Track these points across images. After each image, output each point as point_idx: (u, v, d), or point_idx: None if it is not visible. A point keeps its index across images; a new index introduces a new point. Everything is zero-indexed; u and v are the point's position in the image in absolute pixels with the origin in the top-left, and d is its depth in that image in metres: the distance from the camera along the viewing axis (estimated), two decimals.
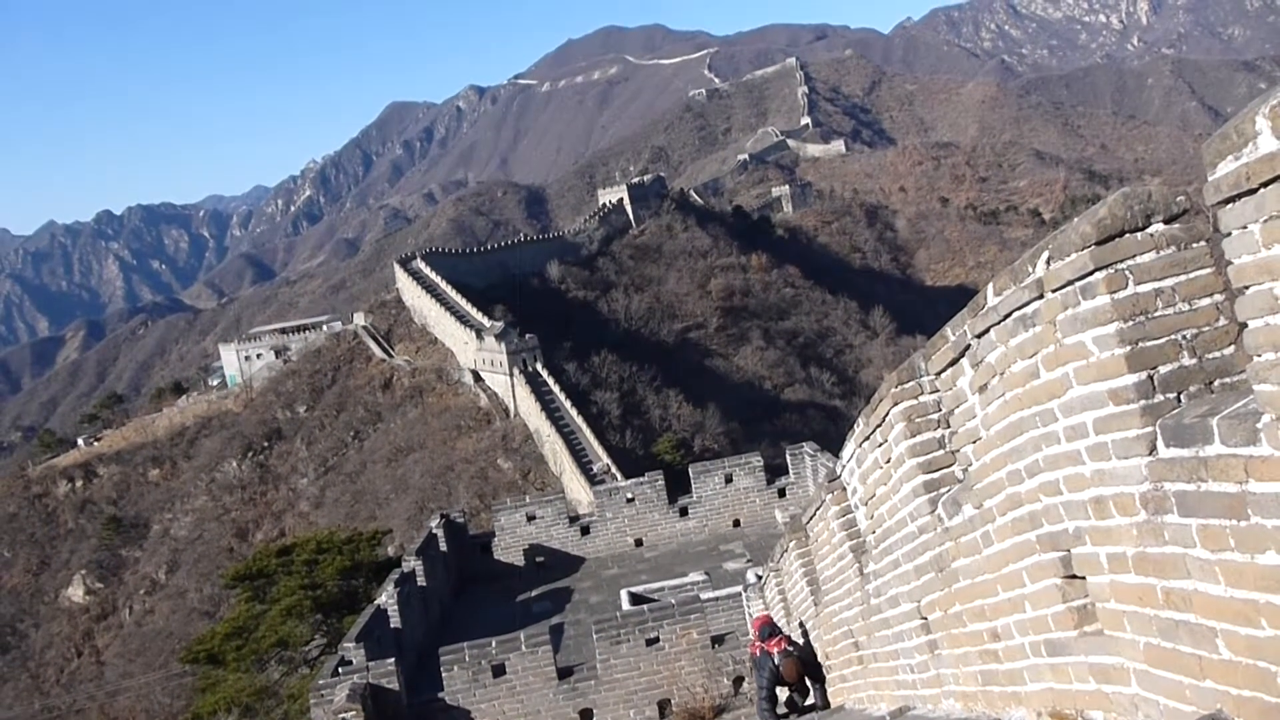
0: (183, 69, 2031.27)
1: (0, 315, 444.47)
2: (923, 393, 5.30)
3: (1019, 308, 3.82)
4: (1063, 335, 3.57)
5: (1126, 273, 3.32)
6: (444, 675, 15.17)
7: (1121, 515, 3.43)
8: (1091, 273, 3.36)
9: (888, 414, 5.62)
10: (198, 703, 26.61)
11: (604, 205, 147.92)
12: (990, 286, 4.06)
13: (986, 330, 4.14)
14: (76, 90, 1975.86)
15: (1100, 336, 3.38)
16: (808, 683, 10.79)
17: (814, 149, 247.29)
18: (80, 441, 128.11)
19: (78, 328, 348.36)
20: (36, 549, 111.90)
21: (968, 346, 4.45)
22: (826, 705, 10.44)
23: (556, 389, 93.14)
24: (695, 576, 20.93)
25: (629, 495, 25.78)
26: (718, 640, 15.42)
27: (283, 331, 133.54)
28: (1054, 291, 3.57)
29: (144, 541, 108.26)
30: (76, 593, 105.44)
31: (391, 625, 18.18)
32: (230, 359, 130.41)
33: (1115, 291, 3.31)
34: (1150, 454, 3.24)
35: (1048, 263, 3.59)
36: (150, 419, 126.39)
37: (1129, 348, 3.28)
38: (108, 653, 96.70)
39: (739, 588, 16.59)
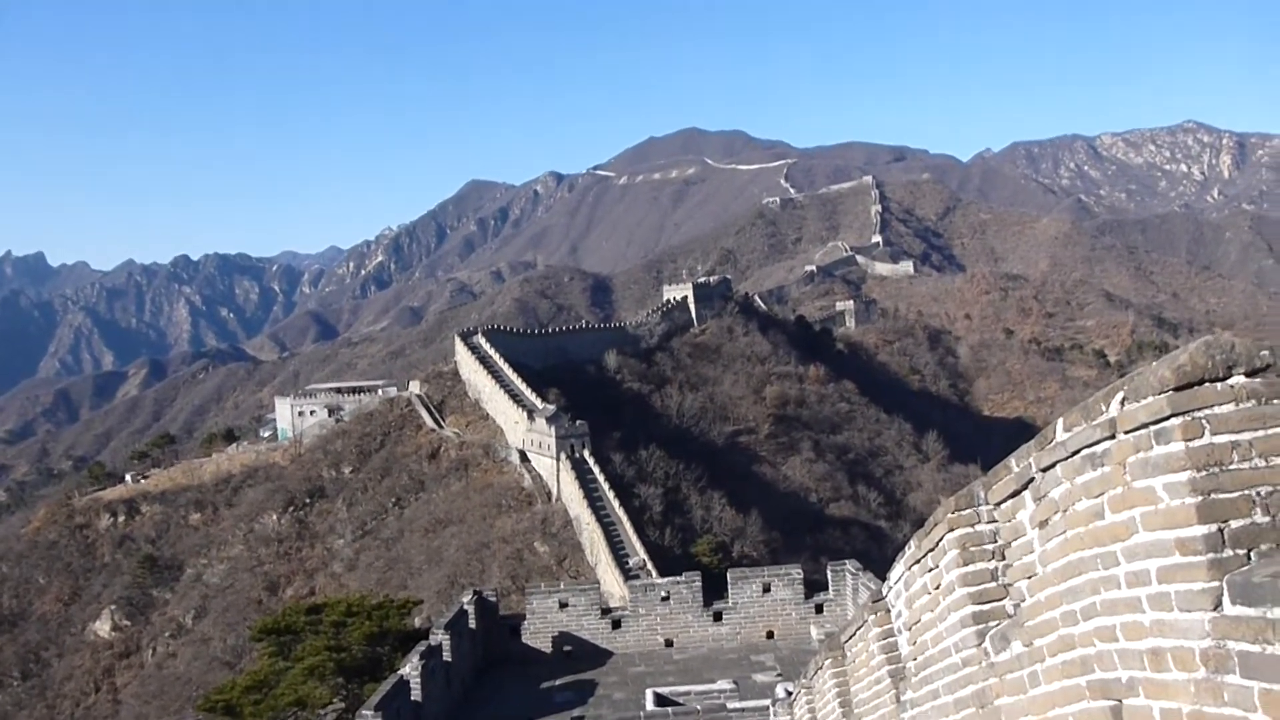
0: (275, 126, 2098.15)
1: (69, 345, 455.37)
2: (980, 521, 5.22)
3: (1088, 445, 3.77)
4: (1132, 478, 3.51)
5: (1204, 421, 3.28)
6: None
7: (1180, 670, 3.33)
8: (1168, 418, 3.32)
9: (941, 539, 5.54)
10: None
11: (668, 301, 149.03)
12: (1060, 421, 4.02)
13: (1053, 465, 4.09)
14: (170, 132, 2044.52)
15: (1171, 484, 3.33)
16: None
17: (882, 267, 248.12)
18: (128, 477, 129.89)
19: (141, 365, 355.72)
20: (70, 579, 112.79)
21: (1031, 479, 4.39)
22: None
23: (601, 478, 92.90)
24: (723, 685, 20.54)
25: (664, 593, 25.48)
26: None
27: (338, 391, 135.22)
28: (1127, 433, 3.52)
29: (176, 584, 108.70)
30: (103, 627, 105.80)
31: (412, 697, 18.00)
32: (284, 412, 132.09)
33: (1191, 439, 3.26)
34: (1215, 610, 3.16)
35: (1122, 403, 3.56)
36: (199, 463, 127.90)
37: (1201, 498, 3.23)
38: (125, 691, 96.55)
39: (767, 701, 16.24)
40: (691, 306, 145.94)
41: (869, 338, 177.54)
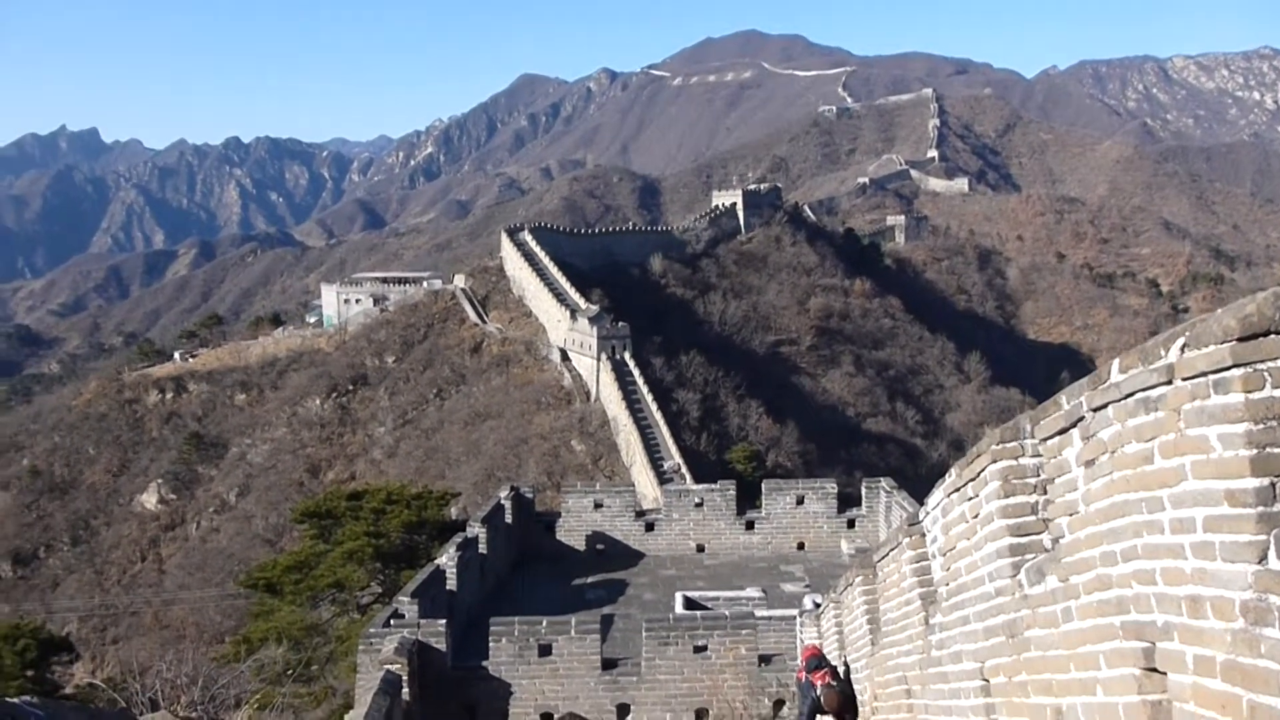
0: (328, 10, 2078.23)
1: (121, 222, 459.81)
2: (1024, 455, 5.21)
3: (1144, 389, 3.72)
4: (1186, 426, 3.47)
5: (1265, 374, 3.21)
6: (491, 645, 15.34)
7: (1218, 619, 3.33)
8: (1229, 368, 3.26)
9: (984, 470, 5.53)
10: (250, 627, 27.29)
11: (716, 207, 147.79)
12: (1116, 362, 3.97)
13: (1104, 406, 4.05)
14: (224, 12, 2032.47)
15: (1226, 434, 3.28)
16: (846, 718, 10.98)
17: (936, 183, 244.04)
18: (176, 355, 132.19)
19: (191, 245, 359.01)
20: (119, 451, 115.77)
21: (1081, 418, 4.35)
22: None
23: (640, 381, 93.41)
24: (752, 592, 20.85)
25: (698, 499, 25.74)
26: (765, 659, 15.34)
27: (384, 281, 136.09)
28: (1185, 380, 3.47)
29: (220, 462, 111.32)
30: (150, 500, 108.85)
31: (447, 587, 18.43)
32: (330, 299, 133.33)
33: (1251, 391, 3.21)
34: (1259, 563, 3.15)
35: (1183, 349, 3.50)
36: (245, 345, 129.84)
37: (1255, 451, 3.19)
38: (170, 562, 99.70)
39: (794, 611, 16.49)
40: (740, 213, 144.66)
41: (918, 254, 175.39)
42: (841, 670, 11.30)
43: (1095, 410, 4.17)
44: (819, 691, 10.90)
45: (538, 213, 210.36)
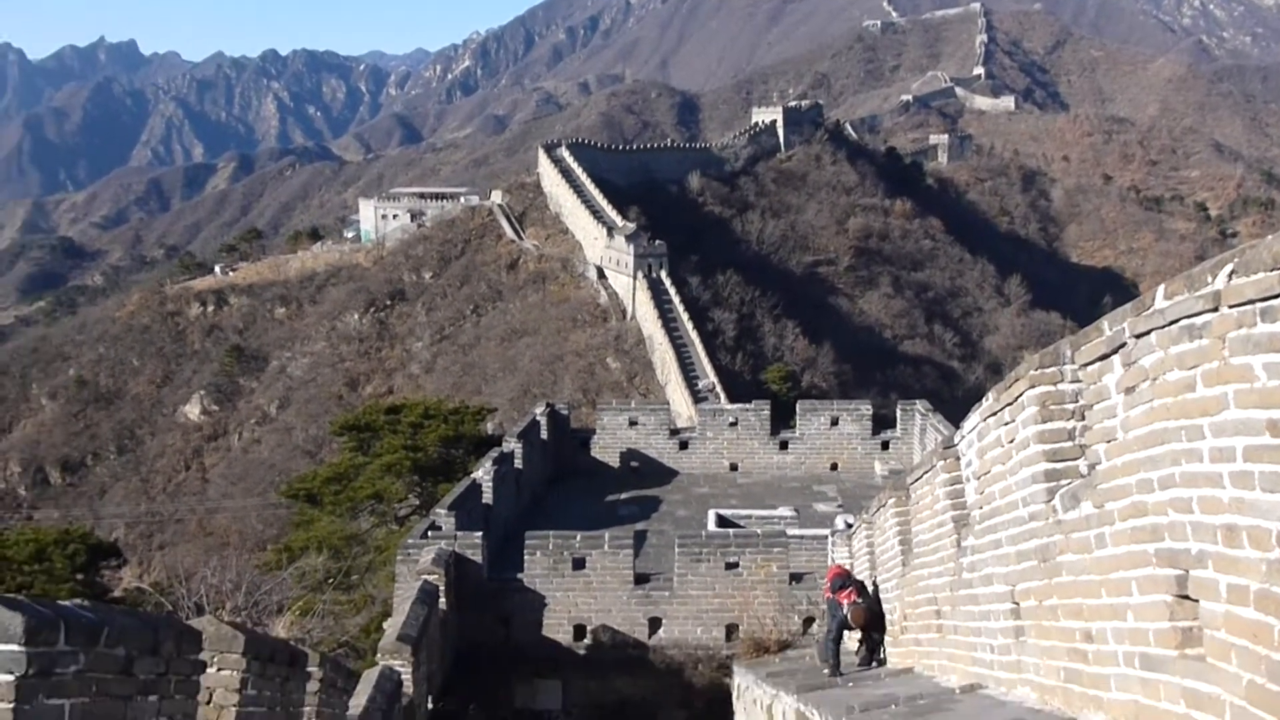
0: None
1: (160, 136, 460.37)
2: (1063, 380, 5.17)
3: (1188, 316, 3.66)
4: (1231, 354, 3.42)
5: None
6: (526, 558, 15.60)
7: (1254, 548, 3.32)
8: (1277, 295, 3.20)
9: (1021, 395, 5.50)
10: (291, 536, 27.87)
11: (756, 124, 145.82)
12: (1161, 289, 3.90)
13: (1148, 332, 3.99)
14: None
15: (1272, 364, 3.23)
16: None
17: (982, 101, 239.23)
18: (217, 269, 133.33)
19: (230, 159, 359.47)
20: (163, 363, 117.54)
21: (1123, 344, 4.29)
22: (881, 659, 10.99)
23: (676, 299, 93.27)
24: (784, 511, 21.00)
25: (732, 419, 25.81)
26: (796, 578, 15.50)
27: (421, 196, 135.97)
28: (1231, 307, 3.41)
29: (261, 374, 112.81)
30: (193, 411, 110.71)
31: (483, 500, 18.69)
32: (368, 214, 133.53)
33: None
34: None
35: (1230, 276, 3.43)
36: (284, 259, 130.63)
37: None
38: (213, 472, 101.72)
39: (826, 530, 16.60)
40: (780, 131, 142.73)
41: (960, 174, 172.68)
42: (871, 588, 11.49)
43: (1138, 336, 4.11)
44: (846, 610, 11.18)
45: (575, 129, 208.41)
